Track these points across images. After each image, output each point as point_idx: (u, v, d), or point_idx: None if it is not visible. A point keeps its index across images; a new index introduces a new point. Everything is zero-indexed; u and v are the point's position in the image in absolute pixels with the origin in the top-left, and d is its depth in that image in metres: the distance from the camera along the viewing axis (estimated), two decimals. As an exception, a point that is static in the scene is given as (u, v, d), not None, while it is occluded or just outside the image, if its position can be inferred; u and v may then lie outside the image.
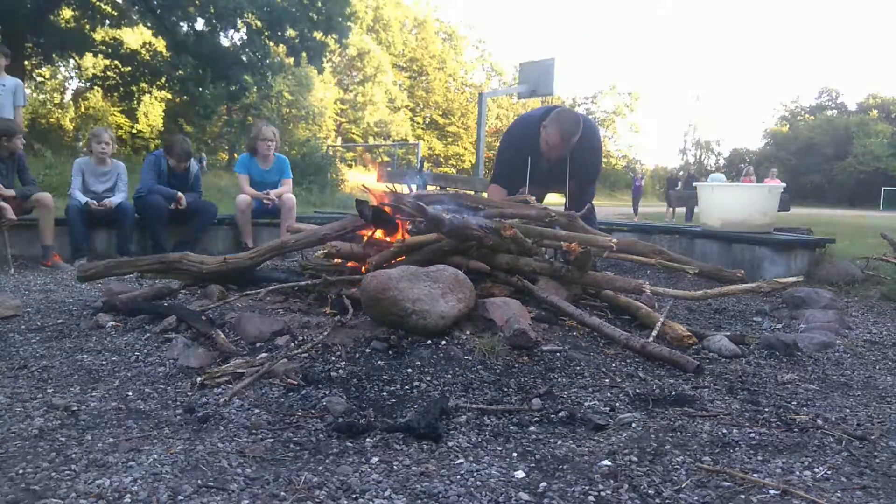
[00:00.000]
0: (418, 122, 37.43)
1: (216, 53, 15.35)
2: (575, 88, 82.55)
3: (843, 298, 4.14)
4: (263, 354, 2.50)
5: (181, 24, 15.66)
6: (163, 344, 2.65)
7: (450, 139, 37.28)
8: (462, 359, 2.46)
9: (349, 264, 3.49)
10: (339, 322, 2.77)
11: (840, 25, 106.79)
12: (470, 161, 34.38)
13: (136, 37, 19.47)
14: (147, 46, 18.05)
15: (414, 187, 4.34)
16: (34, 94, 23.11)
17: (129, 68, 17.71)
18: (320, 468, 1.61)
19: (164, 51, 16.88)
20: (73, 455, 1.64)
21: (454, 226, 3.10)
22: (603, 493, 1.50)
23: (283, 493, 1.46)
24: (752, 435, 1.88)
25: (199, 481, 1.50)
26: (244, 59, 15.82)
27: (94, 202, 5.34)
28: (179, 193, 5.54)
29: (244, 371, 2.26)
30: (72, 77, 25.38)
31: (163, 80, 17.27)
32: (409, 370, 2.34)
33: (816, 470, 1.62)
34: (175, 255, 3.59)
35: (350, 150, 26.90)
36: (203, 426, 1.85)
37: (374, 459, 1.66)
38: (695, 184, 6.36)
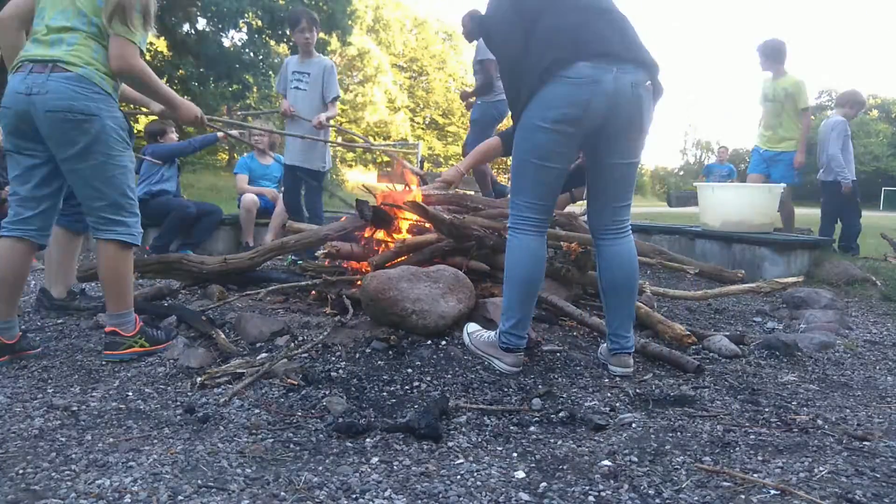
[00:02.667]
0: (418, 123, 37.44)
1: (218, 53, 15.34)
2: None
3: (843, 298, 4.14)
4: (263, 354, 2.50)
5: (182, 24, 15.65)
6: (163, 344, 2.65)
7: (450, 139, 37.28)
8: (462, 359, 2.46)
9: (349, 264, 3.49)
10: (339, 322, 2.77)
11: (840, 26, 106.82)
12: (470, 161, 34.34)
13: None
14: (148, 46, 18.10)
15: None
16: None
17: (130, 68, 17.72)
18: (320, 468, 1.61)
19: (165, 50, 16.87)
20: (73, 455, 1.64)
21: (454, 226, 3.10)
22: (603, 494, 1.50)
23: (283, 494, 1.46)
24: (752, 435, 1.88)
25: (199, 481, 1.50)
26: (245, 58, 15.82)
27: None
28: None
29: (244, 371, 2.27)
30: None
31: (164, 79, 17.30)
32: (409, 370, 2.34)
33: (816, 470, 1.62)
34: (175, 256, 3.60)
35: (350, 151, 26.89)
36: (203, 426, 1.85)
37: (375, 459, 1.66)
38: (695, 183, 6.36)
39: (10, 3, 2.40)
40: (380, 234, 3.48)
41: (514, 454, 1.73)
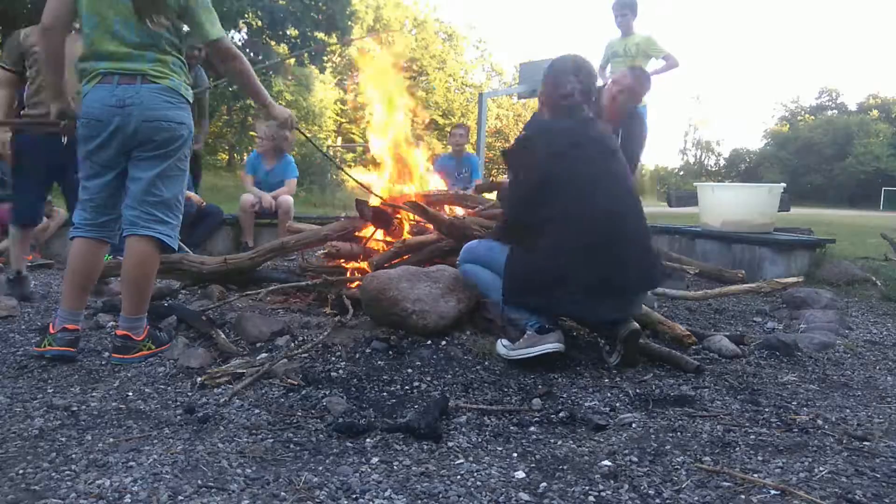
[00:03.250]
0: (418, 123, 37.46)
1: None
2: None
3: (843, 298, 4.14)
4: (263, 354, 2.50)
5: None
6: (163, 344, 2.64)
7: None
8: (462, 359, 2.46)
9: (349, 264, 3.50)
10: (339, 322, 2.77)
11: (840, 25, 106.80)
12: (470, 161, 34.37)
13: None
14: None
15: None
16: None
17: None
18: (320, 468, 1.61)
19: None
20: (74, 455, 1.64)
21: (454, 226, 3.10)
22: (603, 494, 1.50)
23: (283, 494, 1.46)
24: (752, 435, 1.88)
25: (200, 481, 1.50)
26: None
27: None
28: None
29: (244, 371, 2.27)
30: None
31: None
32: (410, 370, 2.34)
33: (816, 470, 1.62)
34: (175, 256, 3.59)
35: (350, 151, 26.90)
36: (203, 426, 1.85)
37: (375, 460, 1.66)
38: (695, 184, 6.36)
39: (50, 8, 2.33)
40: (379, 234, 3.48)
41: (514, 454, 1.73)
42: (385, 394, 2.16)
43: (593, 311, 2.43)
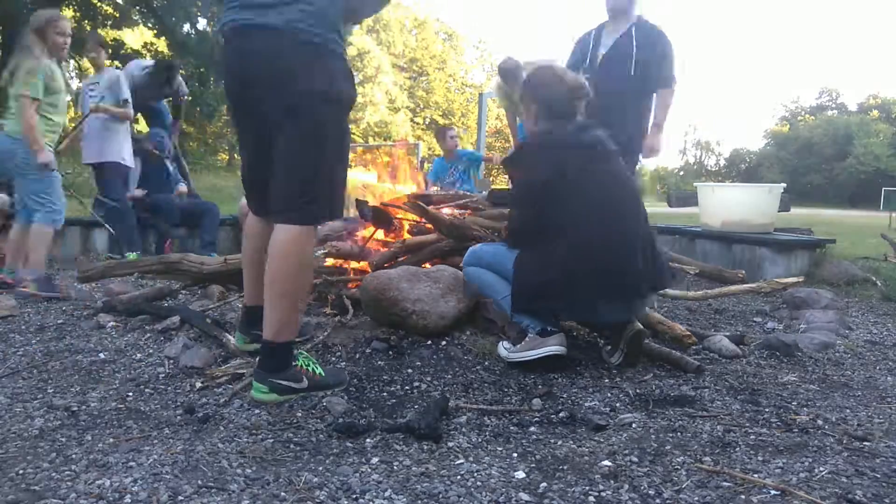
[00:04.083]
0: (418, 123, 37.45)
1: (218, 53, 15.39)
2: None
3: (843, 299, 4.14)
4: (264, 355, 2.49)
5: (182, 24, 15.66)
6: (163, 344, 2.65)
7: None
8: (462, 359, 2.46)
9: (349, 265, 3.49)
10: (340, 322, 2.77)
11: (840, 25, 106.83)
12: (470, 161, 34.34)
13: (137, 37, 19.47)
14: (148, 47, 18.05)
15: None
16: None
17: (130, 69, 17.75)
18: (320, 468, 1.61)
19: (165, 51, 16.87)
20: (74, 455, 1.64)
21: (454, 226, 3.10)
22: (603, 494, 1.50)
23: (283, 494, 1.46)
24: (753, 435, 1.87)
25: (200, 481, 1.50)
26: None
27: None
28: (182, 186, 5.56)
29: (244, 371, 2.26)
30: (72, 77, 25.34)
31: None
32: (410, 370, 2.34)
33: (817, 470, 1.62)
34: (175, 256, 3.59)
35: (350, 151, 26.93)
36: (203, 426, 1.85)
37: (375, 460, 1.66)
38: (696, 184, 6.36)
39: None
40: (379, 234, 3.48)
41: (515, 454, 1.73)
42: (385, 394, 2.16)
43: (601, 315, 2.45)
